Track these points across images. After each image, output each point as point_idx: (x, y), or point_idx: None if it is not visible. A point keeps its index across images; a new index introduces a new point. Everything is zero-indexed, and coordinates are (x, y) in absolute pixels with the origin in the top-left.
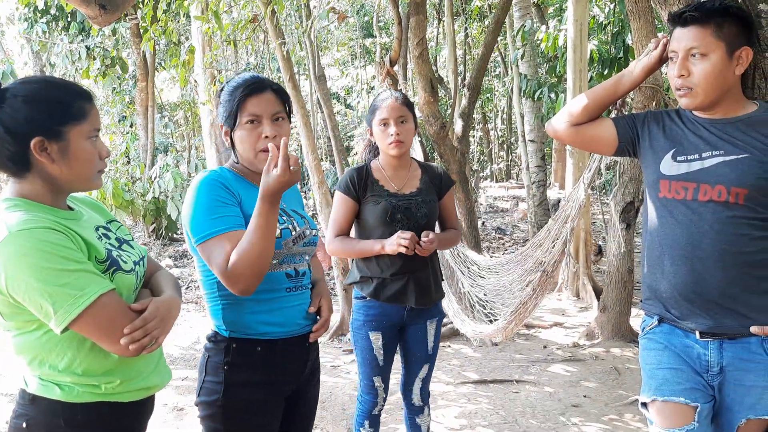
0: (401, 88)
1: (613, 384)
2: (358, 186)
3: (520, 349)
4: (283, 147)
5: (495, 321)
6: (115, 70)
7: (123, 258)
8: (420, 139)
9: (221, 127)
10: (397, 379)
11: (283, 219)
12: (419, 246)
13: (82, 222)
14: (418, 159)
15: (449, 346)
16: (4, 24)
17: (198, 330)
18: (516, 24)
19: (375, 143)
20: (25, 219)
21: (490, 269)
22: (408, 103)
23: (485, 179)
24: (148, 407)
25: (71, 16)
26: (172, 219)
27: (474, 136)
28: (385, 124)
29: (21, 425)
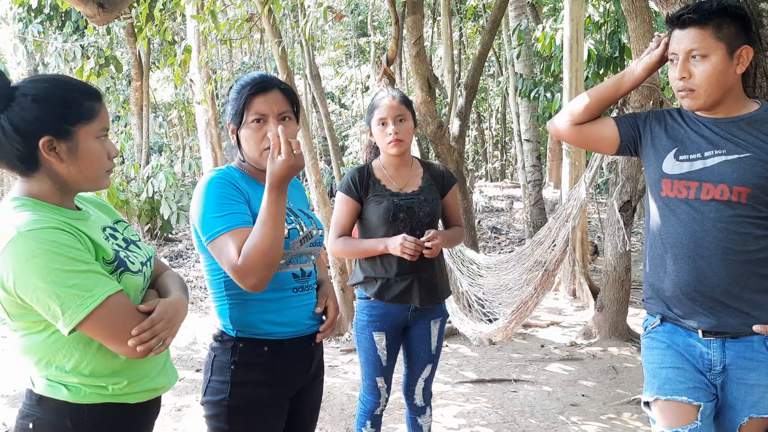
0: (398, 87)
1: (611, 383)
2: (359, 186)
3: (517, 349)
4: (282, 134)
5: (494, 320)
6: (110, 69)
7: (130, 259)
8: (417, 139)
9: (228, 125)
10: (397, 379)
11: (291, 219)
12: (427, 249)
13: (89, 222)
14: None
15: (447, 345)
16: None
17: (195, 331)
18: (511, 23)
19: (375, 144)
20: (34, 219)
21: (489, 268)
22: (406, 102)
23: (480, 179)
24: (154, 408)
25: (65, 15)
26: (166, 219)
27: (469, 135)
28: (384, 123)
29: (27, 426)
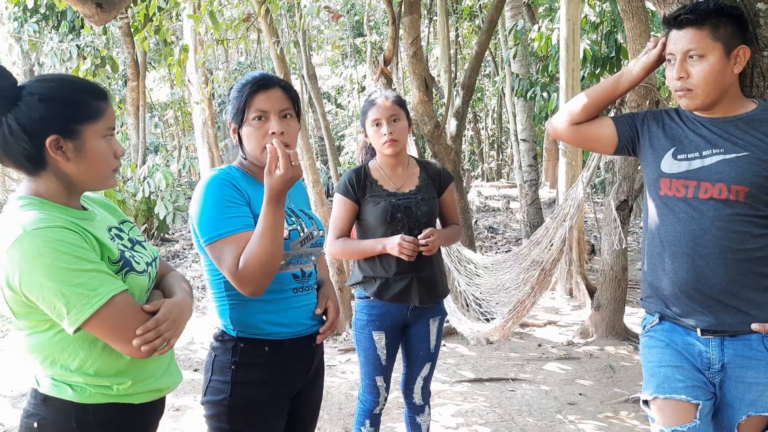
0: (394, 87)
1: (608, 382)
2: (357, 187)
3: (515, 348)
4: (280, 146)
5: (492, 319)
6: (106, 69)
7: (136, 259)
8: (414, 138)
9: (229, 125)
10: (396, 379)
11: (292, 220)
12: (423, 247)
13: (95, 222)
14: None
15: (444, 345)
16: None
17: (192, 331)
18: (507, 23)
19: (371, 144)
20: (40, 218)
21: (486, 267)
22: (400, 102)
23: (476, 178)
24: (159, 409)
25: (61, 15)
26: (164, 219)
27: (465, 135)
28: (378, 124)
29: (32, 425)
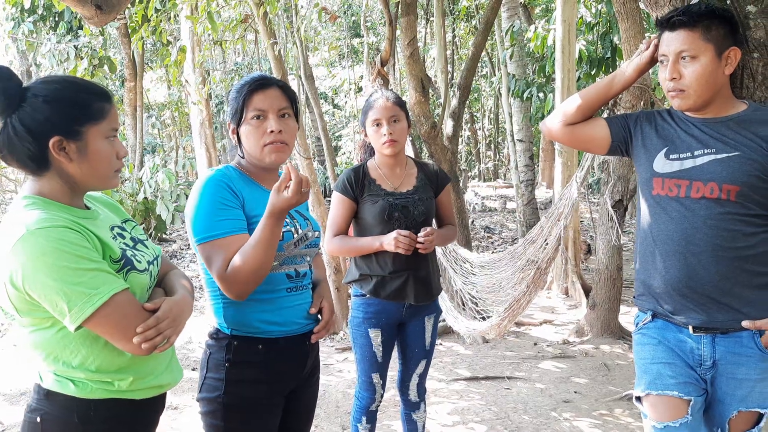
0: (391, 87)
1: (603, 380)
2: (355, 186)
3: (510, 347)
4: (294, 171)
5: (488, 318)
6: (103, 70)
7: (137, 257)
8: (410, 139)
9: (228, 125)
10: (392, 377)
11: (287, 221)
12: (419, 244)
13: (98, 221)
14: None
15: (441, 344)
16: None
17: (190, 330)
18: (504, 24)
19: (370, 143)
20: (43, 218)
21: (482, 267)
22: (400, 103)
23: (473, 179)
24: (159, 405)
25: (59, 15)
26: (161, 219)
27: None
28: (378, 124)
29: (35, 420)
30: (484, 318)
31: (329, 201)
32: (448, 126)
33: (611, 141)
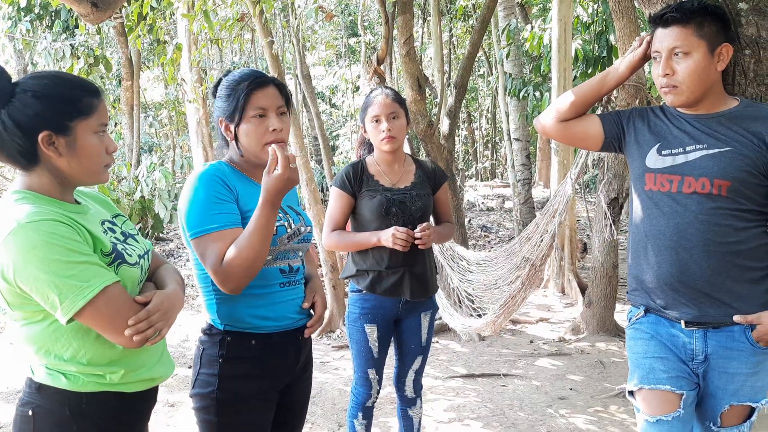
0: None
1: (599, 377)
2: (353, 181)
3: (507, 344)
4: (280, 149)
5: (484, 315)
6: (99, 69)
7: (128, 251)
8: (407, 137)
9: (221, 122)
10: (388, 375)
11: (280, 216)
12: (417, 240)
13: (88, 216)
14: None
15: (437, 341)
16: None
17: (187, 328)
18: (501, 23)
19: (368, 140)
20: (34, 211)
21: (478, 264)
22: (399, 100)
23: (470, 178)
24: (151, 398)
25: (55, 14)
26: (159, 218)
27: (459, 135)
28: (377, 120)
29: (27, 413)
30: (480, 315)
31: (326, 200)
32: (444, 124)
33: (604, 137)
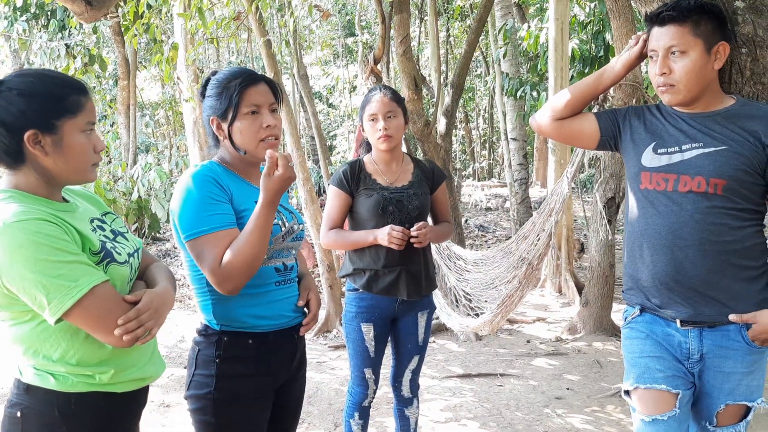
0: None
1: (595, 377)
2: (351, 180)
3: (503, 344)
4: (275, 152)
5: (481, 315)
6: (95, 68)
7: (117, 250)
8: (404, 137)
9: (213, 121)
10: (385, 374)
11: None
12: (413, 238)
13: (76, 214)
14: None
15: (434, 341)
16: None
17: (183, 328)
18: (498, 23)
19: (367, 139)
20: (20, 211)
21: (475, 264)
22: (397, 99)
23: (467, 178)
24: (142, 398)
25: (51, 14)
26: (156, 218)
27: (456, 135)
28: (374, 119)
29: (15, 414)
30: (477, 315)
31: (323, 200)
32: (441, 124)
33: (600, 136)
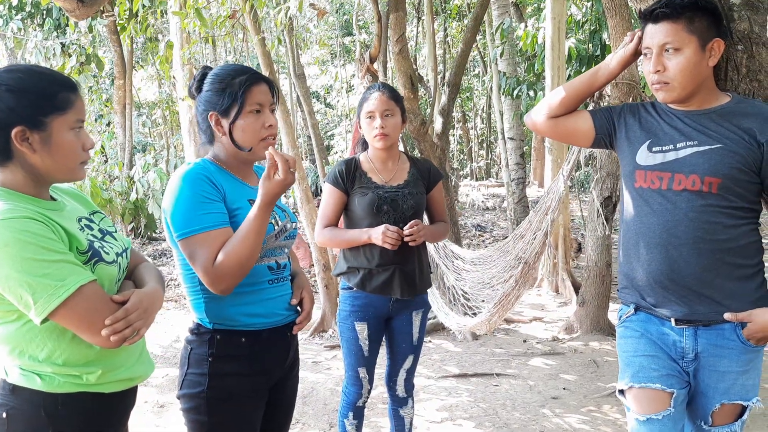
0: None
1: (592, 376)
2: (346, 178)
3: (500, 344)
4: (278, 153)
5: (479, 314)
6: (91, 68)
7: (105, 249)
8: (401, 136)
9: (211, 117)
10: (380, 374)
11: None
12: (407, 236)
13: (64, 213)
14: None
15: (430, 341)
16: None
17: (178, 328)
18: (495, 22)
19: (364, 137)
20: (6, 209)
21: (473, 263)
22: (396, 98)
23: (465, 177)
24: (130, 399)
25: (46, 12)
26: (152, 218)
27: (454, 135)
28: (371, 117)
29: (1, 415)
30: (474, 314)
31: (320, 200)
32: (437, 123)
33: (595, 134)
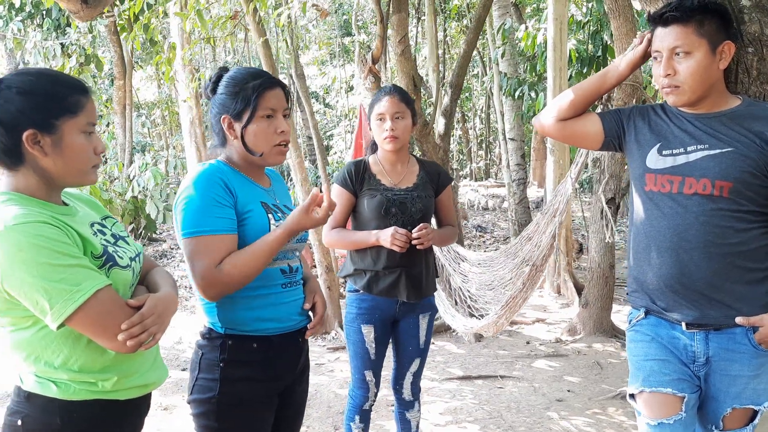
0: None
1: (596, 378)
2: (355, 179)
3: (503, 346)
4: (327, 193)
5: (485, 316)
6: (91, 68)
7: (119, 254)
8: None
9: (224, 120)
10: (386, 377)
11: (279, 216)
12: (415, 240)
13: (77, 217)
14: None
15: (434, 343)
16: None
17: (180, 330)
18: (495, 23)
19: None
20: (21, 213)
21: (480, 265)
22: (407, 100)
23: (464, 178)
24: (145, 405)
25: (46, 13)
26: (151, 218)
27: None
28: (382, 119)
29: (16, 423)
30: (482, 316)
31: None
32: (439, 124)
33: (604, 136)
